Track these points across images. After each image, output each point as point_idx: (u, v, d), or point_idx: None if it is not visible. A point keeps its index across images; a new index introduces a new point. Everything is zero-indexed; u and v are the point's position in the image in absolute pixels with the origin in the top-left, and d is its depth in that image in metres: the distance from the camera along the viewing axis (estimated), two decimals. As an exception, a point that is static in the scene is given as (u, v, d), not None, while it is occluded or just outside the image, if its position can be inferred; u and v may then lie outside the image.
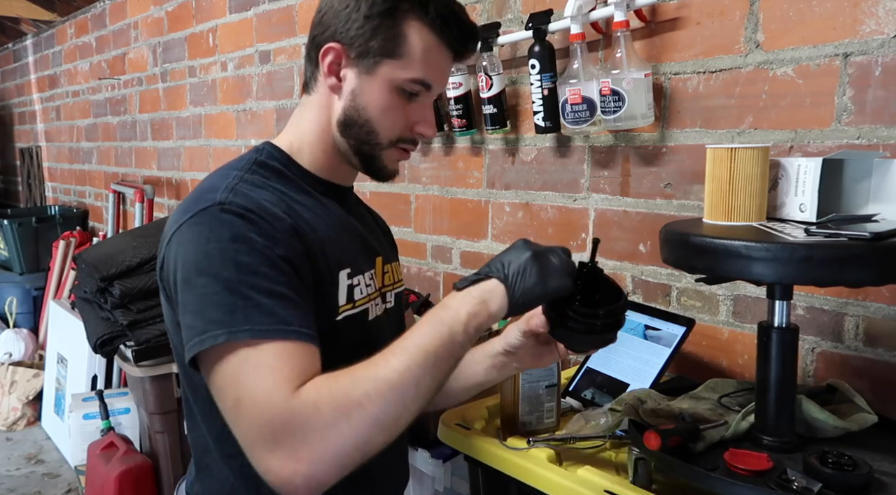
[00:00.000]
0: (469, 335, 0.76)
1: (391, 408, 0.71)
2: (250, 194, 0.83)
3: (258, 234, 0.78)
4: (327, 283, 0.86)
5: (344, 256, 0.90)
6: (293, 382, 0.71)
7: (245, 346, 0.73)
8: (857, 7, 1.12)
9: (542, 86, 1.50)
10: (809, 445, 0.90)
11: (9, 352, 3.51)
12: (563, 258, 0.79)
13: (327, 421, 0.69)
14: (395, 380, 0.72)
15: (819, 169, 0.91)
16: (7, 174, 5.92)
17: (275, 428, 0.69)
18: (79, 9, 4.12)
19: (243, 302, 0.74)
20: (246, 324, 0.73)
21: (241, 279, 0.75)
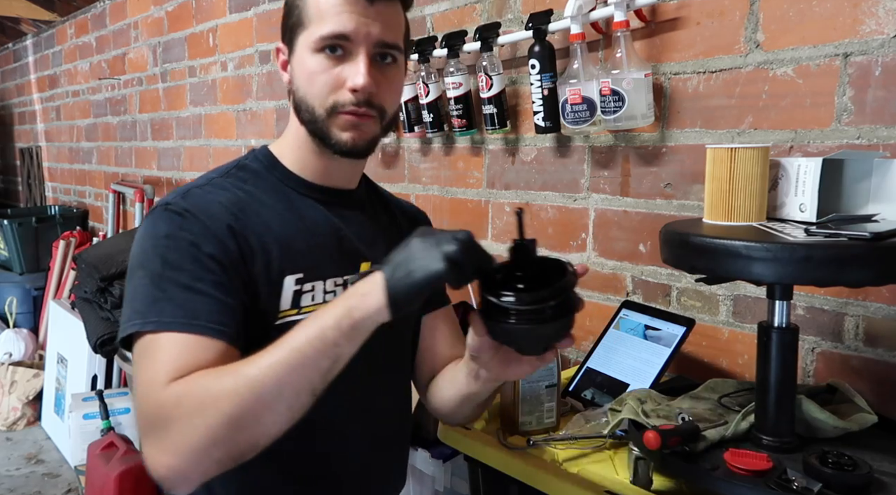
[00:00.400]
0: (343, 332, 0.71)
1: (247, 406, 0.69)
2: (202, 196, 0.86)
3: (189, 233, 0.81)
4: (266, 286, 0.86)
5: (298, 261, 0.88)
6: (172, 374, 0.73)
7: (150, 336, 0.77)
8: (857, 7, 1.12)
9: (542, 86, 1.50)
10: (809, 445, 0.90)
11: (9, 352, 3.51)
12: (447, 241, 0.69)
13: (185, 414, 0.70)
14: (255, 378, 0.70)
15: (819, 169, 0.91)
16: (7, 174, 5.92)
17: (148, 418, 0.73)
18: (79, 9, 4.12)
19: (161, 294, 0.78)
20: (156, 315, 0.77)
21: (164, 273, 0.79)
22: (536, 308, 0.68)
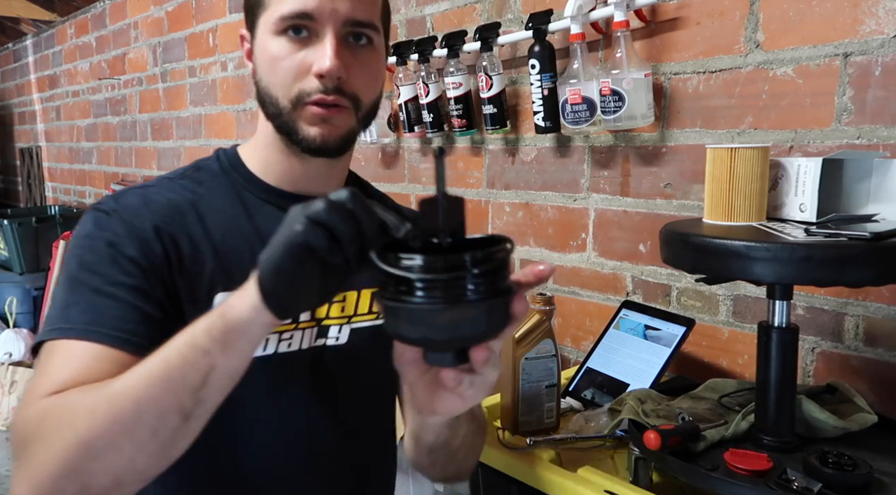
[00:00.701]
0: (214, 338, 0.58)
1: (101, 427, 0.57)
2: (140, 196, 0.79)
3: (111, 232, 0.74)
4: (190, 301, 0.75)
5: (236, 277, 0.73)
6: (53, 387, 0.63)
7: (50, 343, 0.69)
8: (857, 7, 1.12)
9: (542, 86, 1.50)
10: (809, 445, 0.90)
11: (9, 352, 3.51)
12: (316, 202, 0.53)
13: (45, 433, 0.59)
14: (114, 393, 0.59)
15: (819, 169, 0.91)
16: (7, 174, 5.92)
17: (16, 434, 0.62)
18: (79, 9, 4.12)
19: (73, 299, 0.70)
20: (63, 322, 0.69)
21: (79, 276, 0.72)
22: (446, 278, 0.49)
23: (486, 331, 0.52)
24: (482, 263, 0.49)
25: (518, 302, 0.52)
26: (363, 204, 0.53)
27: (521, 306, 0.52)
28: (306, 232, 0.52)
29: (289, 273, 0.54)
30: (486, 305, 0.50)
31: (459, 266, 0.49)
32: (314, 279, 0.54)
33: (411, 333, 0.51)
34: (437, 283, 0.49)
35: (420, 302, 0.49)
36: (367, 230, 0.52)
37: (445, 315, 0.50)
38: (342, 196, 0.52)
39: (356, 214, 0.52)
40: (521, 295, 0.52)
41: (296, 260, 0.53)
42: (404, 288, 0.49)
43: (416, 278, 0.49)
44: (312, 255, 0.52)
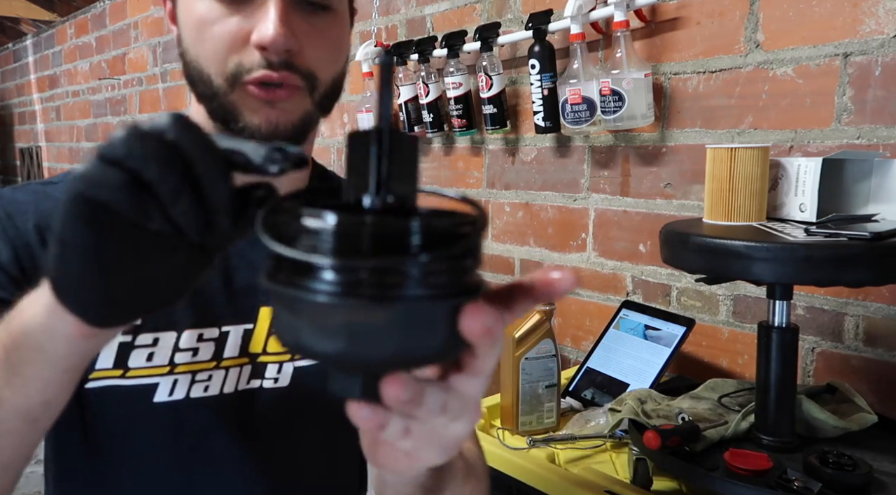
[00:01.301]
0: (12, 336, 0.41)
1: None
2: (33, 189, 0.65)
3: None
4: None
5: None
6: None
7: None
8: (857, 7, 1.12)
9: (542, 86, 1.50)
10: (809, 445, 0.90)
11: (9, 352, 3.51)
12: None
13: None
14: None
15: (819, 169, 0.91)
16: (7, 174, 5.92)
17: None
18: (79, 9, 4.12)
19: None
20: None
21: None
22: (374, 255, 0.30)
23: (420, 349, 0.31)
24: (436, 240, 0.30)
25: (473, 314, 0.31)
26: (197, 134, 0.33)
27: (476, 322, 0.30)
28: (89, 177, 0.32)
29: (79, 248, 0.33)
30: (430, 309, 0.31)
31: (397, 237, 0.30)
32: (127, 257, 0.33)
33: (303, 338, 0.31)
34: (357, 263, 0.29)
35: (324, 291, 0.29)
36: (207, 173, 0.33)
37: (360, 314, 0.30)
38: (160, 121, 0.33)
39: (181, 147, 0.32)
40: (479, 305, 0.31)
41: (83, 224, 0.32)
42: (305, 269, 0.30)
43: (324, 251, 0.29)
44: (108, 216, 0.32)
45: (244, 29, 0.58)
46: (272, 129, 0.60)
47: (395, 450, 0.39)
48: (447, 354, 0.34)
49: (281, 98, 0.60)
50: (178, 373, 0.62)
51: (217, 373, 0.64)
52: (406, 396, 0.32)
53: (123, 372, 0.61)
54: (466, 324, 0.31)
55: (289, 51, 0.59)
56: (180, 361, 0.62)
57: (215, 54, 0.59)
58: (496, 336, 0.31)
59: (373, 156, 0.32)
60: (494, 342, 0.32)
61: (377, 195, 0.32)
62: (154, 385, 0.62)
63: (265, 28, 0.57)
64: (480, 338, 0.31)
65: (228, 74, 0.60)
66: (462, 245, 0.32)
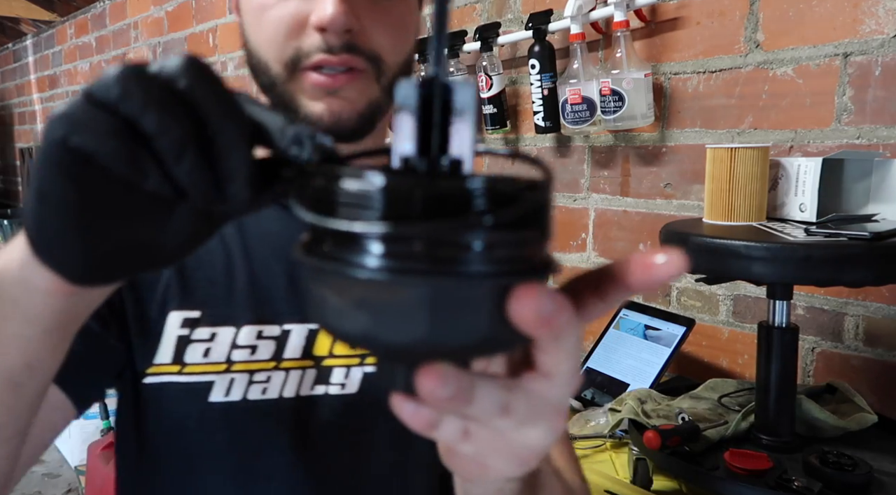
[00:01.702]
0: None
1: None
2: None
3: None
4: (137, 317, 0.58)
5: (197, 293, 0.58)
6: None
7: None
8: (857, 7, 1.12)
9: (542, 86, 1.50)
10: (809, 445, 0.90)
11: (9, 352, 3.51)
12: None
13: None
14: None
15: (819, 169, 0.91)
16: (7, 174, 5.92)
17: None
18: (79, 9, 4.12)
19: None
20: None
21: None
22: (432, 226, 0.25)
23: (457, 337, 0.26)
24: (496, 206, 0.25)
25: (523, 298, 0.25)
26: (216, 84, 0.28)
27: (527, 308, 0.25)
28: (73, 119, 0.27)
29: (57, 202, 0.28)
30: (467, 289, 0.26)
31: (460, 204, 0.25)
32: (114, 218, 0.29)
33: (345, 322, 0.27)
34: (413, 233, 0.25)
35: (371, 266, 0.25)
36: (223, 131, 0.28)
37: (413, 294, 0.25)
38: (170, 62, 0.28)
39: (193, 96, 0.27)
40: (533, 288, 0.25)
41: (62, 176, 0.27)
42: (340, 240, 0.26)
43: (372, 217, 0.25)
44: (93, 169, 0.27)
45: (303, 11, 0.55)
46: (334, 120, 0.56)
47: (459, 455, 0.33)
48: (494, 346, 0.28)
49: (342, 84, 0.55)
50: (235, 372, 0.58)
51: (276, 375, 0.59)
52: (444, 391, 0.26)
53: (180, 368, 0.57)
54: (515, 310, 0.25)
55: (349, 31, 0.54)
56: (237, 359, 0.58)
57: (274, 39, 0.56)
58: (558, 327, 0.25)
59: (423, 110, 0.27)
60: (557, 335, 0.26)
61: (429, 156, 0.27)
62: (210, 383, 0.57)
63: (323, 7, 0.53)
64: (534, 328, 0.25)
65: (287, 60, 0.56)
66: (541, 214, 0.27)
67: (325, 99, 0.56)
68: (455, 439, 0.30)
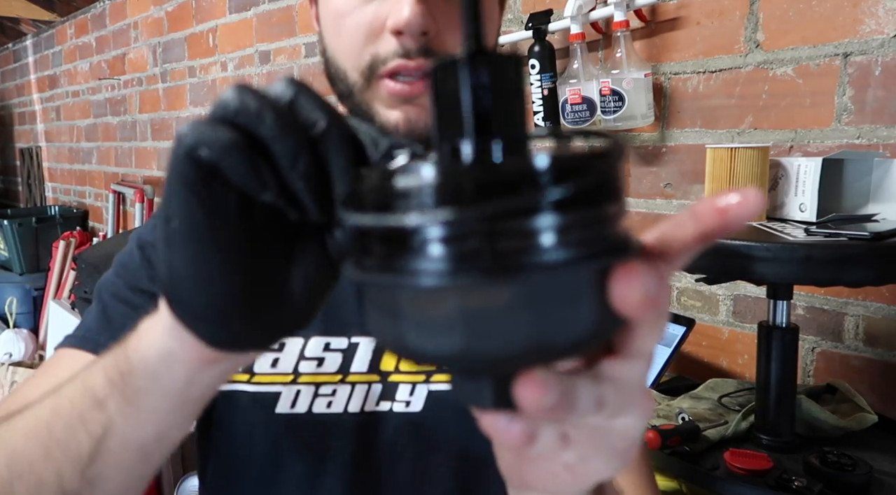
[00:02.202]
0: (111, 381, 0.36)
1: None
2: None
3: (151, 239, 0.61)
4: None
5: None
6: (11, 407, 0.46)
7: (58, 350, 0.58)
8: (857, 7, 1.12)
9: (542, 86, 1.50)
10: (809, 445, 0.90)
11: (9, 352, 3.51)
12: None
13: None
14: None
15: (819, 169, 0.91)
16: (7, 174, 5.92)
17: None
18: (79, 9, 4.12)
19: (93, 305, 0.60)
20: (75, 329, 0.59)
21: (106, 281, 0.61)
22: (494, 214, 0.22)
23: (561, 335, 0.23)
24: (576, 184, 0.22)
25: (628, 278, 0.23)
26: (317, 95, 0.29)
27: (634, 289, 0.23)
28: (196, 135, 0.28)
29: (186, 225, 0.28)
30: (568, 278, 0.23)
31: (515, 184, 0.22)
32: (241, 241, 0.29)
33: (403, 337, 0.24)
34: (474, 228, 0.22)
35: (432, 271, 0.22)
36: (331, 134, 0.28)
37: (473, 295, 0.22)
38: (275, 85, 0.30)
39: (300, 105, 0.29)
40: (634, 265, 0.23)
41: (189, 192, 0.28)
42: (400, 243, 0.23)
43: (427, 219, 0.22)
44: (218, 183, 0.28)
45: (380, 17, 0.54)
46: (410, 128, 0.55)
47: (552, 464, 0.29)
48: (599, 337, 0.25)
49: (419, 92, 0.54)
50: (302, 384, 0.58)
51: (342, 389, 0.58)
52: (550, 400, 0.23)
53: (250, 377, 0.58)
54: (620, 294, 0.23)
55: (426, 33, 0.53)
56: (304, 371, 0.58)
57: (352, 46, 0.55)
58: (662, 304, 0.23)
59: (465, 88, 0.24)
60: (660, 312, 0.24)
61: (478, 139, 0.24)
62: (277, 394, 0.57)
63: (400, 10, 0.52)
64: (642, 311, 0.23)
65: (364, 68, 0.55)
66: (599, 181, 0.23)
67: (402, 107, 0.55)
68: (555, 447, 0.27)
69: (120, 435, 0.36)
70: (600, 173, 0.23)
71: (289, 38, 2.45)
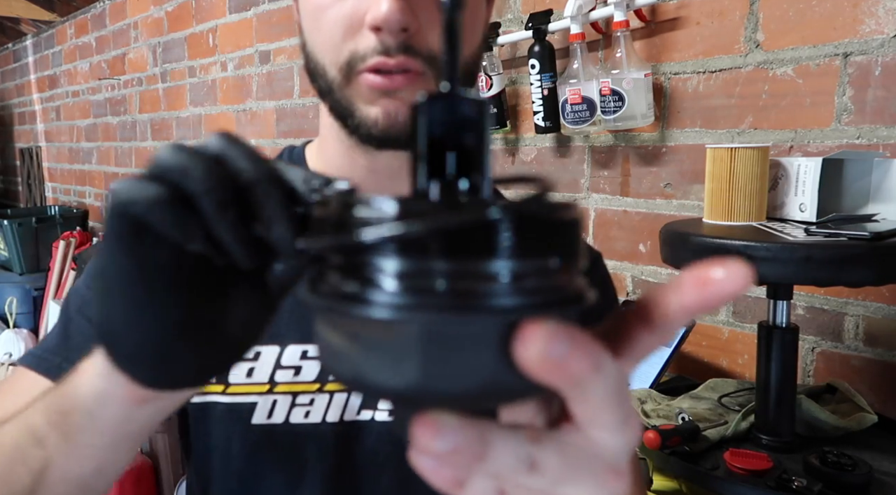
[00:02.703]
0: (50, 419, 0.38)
1: None
2: None
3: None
4: None
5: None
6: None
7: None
8: (857, 7, 1.12)
9: (541, 86, 1.50)
10: (809, 445, 0.90)
11: (9, 352, 3.51)
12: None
13: None
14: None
15: (819, 169, 0.91)
16: (7, 174, 5.92)
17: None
18: (79, 9, 4.12)
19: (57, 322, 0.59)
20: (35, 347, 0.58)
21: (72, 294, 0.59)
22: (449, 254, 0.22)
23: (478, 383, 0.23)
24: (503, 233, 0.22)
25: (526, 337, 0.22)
26: (244, 146, 0.30)
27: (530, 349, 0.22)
28: (126, 192, 0.29)
29: (117, 274, 0.29)
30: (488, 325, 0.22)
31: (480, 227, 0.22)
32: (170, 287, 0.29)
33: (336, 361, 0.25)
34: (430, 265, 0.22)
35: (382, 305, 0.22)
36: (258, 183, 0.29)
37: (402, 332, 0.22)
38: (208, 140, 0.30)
39: (226, 157, 0.29)
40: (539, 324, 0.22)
41: (119, 245, 0.29)
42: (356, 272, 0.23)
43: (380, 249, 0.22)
44: (146, 236, 0.29)
45: (359, 11, 0.52)
46: (390, 122, 0.53)
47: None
48: (509, 394, 0.24)
49: (399, 86, 0.53)
50: (278, 393, 0.56)
51: (320, 398, 0.57)
52: (441, 444, 0.23)
53: (224, 388, 0.57)
54: (519, 352, 0.22)
55: (406, 30, 0.51)
56: (281, 380, 0.57)
57: (330, 42, 0.54)
58: (575, 373, 0.22)
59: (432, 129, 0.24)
60: (577, 382, 0.22)
61: (444, 180, 0.24)
62: (252, 404, 0.56)
63: (378, 5, 0.50)
64: (544, 374, 0.22)
65: (343, 64, 0.54)
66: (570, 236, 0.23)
67: (381, 100, 0.53)
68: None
69: (59, 471, 0.37)
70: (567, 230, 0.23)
71: (289, 38, 2.45)
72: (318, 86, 0.57)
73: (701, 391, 1.09)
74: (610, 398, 0.23)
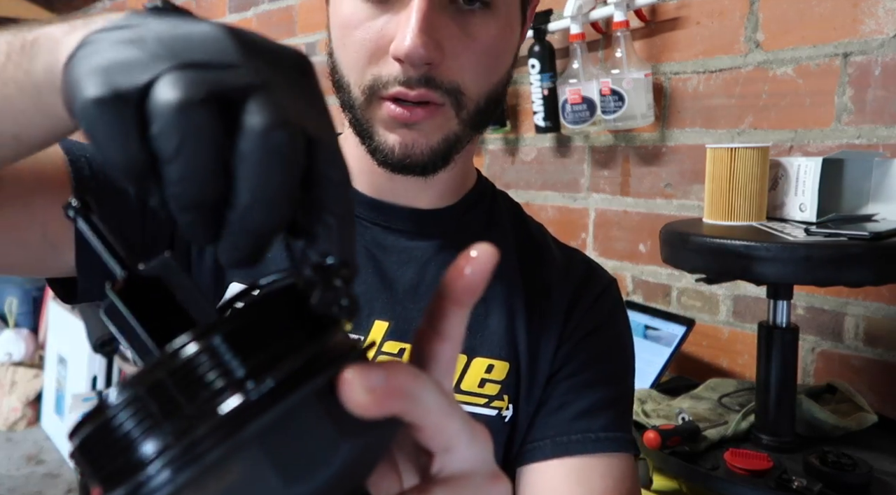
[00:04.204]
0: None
1: None
2: None
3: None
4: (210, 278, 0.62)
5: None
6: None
7: None
8: (856, 7, 1.12)
9: (541, 86, 1.50)
10: (809, 445, 0.90)
11: (9, 352, 3.51)
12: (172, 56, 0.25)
13: None
14: None
15: (819, 169, 0.91)
16: (7, 174, 5.91)
17: None
18: (78, 9, 4.12)
19: None
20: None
21: None
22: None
23: (333, 462, 0.23)
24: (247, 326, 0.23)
25: (346, 384, 0.23)
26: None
27: (356, 392, 0.23)
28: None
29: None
30: (303, 403, 0.23)
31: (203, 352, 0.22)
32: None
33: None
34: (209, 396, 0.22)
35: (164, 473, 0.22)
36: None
37: (240, 465, 0.22)
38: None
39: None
40: (349, 370, 0.23)
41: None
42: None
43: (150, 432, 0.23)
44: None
45: (385, 37, 0.52)
46: (406, 153, 0.54)
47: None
48: (367, 452, 0.25)
49: (417, 119, 0.53)
50: None
51: None
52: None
53: None
54: (349, 399, 0.23)
55: (429, 63, 0.51)
56: None
57: (356, 63, 0.54)
58: (405, 389, 0.23)
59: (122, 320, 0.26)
60: (406, 393, 0.23)
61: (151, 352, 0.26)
62: None
63: (402, 37, 0.50)
64: (377, 403, 0.23)
65: (365, 87, 0.54)
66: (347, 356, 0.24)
67: (399, 130, 0.54)
68: None
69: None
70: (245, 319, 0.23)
71: (289, 37, 2.45)
72: (340, 97, 0.57)
73: (701, 391, 1.09)
74: (445, 404, 0.25)
